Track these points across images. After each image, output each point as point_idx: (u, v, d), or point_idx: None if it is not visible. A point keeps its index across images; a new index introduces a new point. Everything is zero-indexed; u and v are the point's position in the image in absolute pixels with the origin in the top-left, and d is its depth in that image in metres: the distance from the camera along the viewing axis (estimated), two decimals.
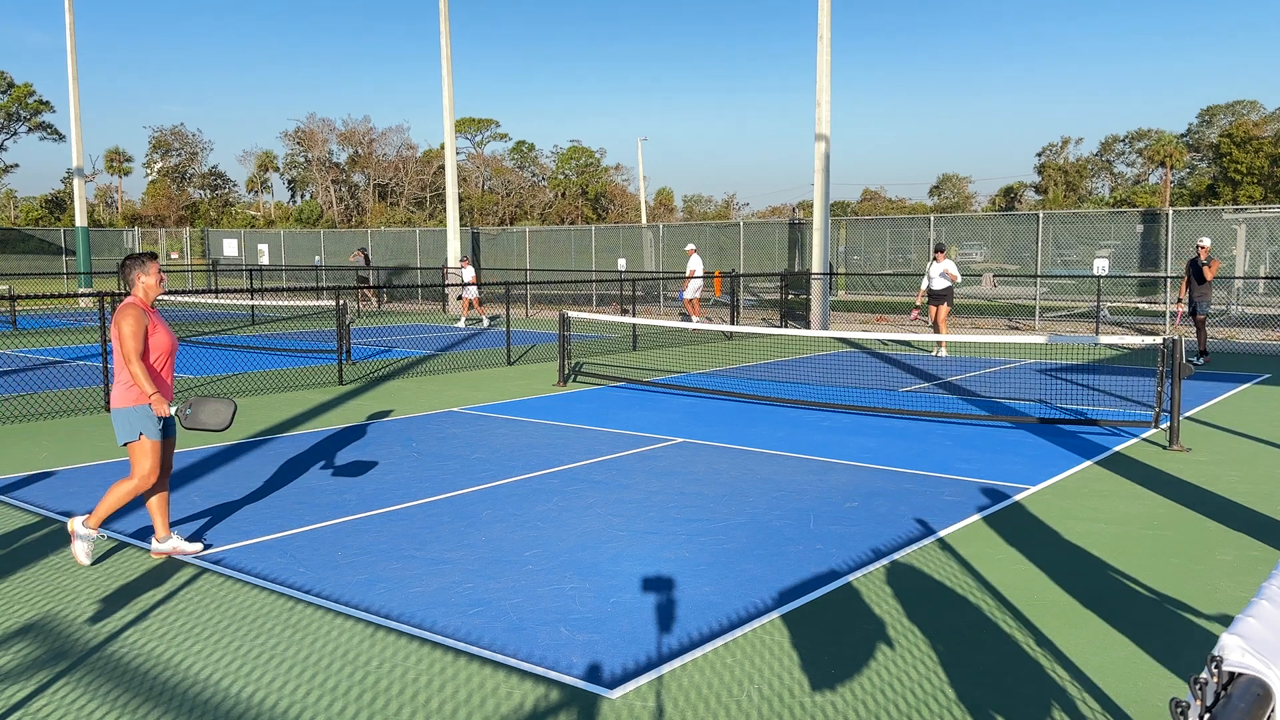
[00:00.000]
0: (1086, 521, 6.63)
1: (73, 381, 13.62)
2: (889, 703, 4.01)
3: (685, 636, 4.67)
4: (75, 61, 29.97)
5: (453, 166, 30.27)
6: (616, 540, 6.19)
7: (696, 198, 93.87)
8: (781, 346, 18.76)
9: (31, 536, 6.35)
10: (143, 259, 6.00)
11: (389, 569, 5.65)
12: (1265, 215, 24.31)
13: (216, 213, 74.87)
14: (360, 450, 9.04)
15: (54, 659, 4.45)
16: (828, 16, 21.80)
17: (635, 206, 70.03)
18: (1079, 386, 13.17)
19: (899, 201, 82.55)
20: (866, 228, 32.73)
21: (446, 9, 28.75)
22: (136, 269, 5.96)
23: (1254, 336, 20.49)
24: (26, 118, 69.91)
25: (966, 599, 5.19)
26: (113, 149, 78.83)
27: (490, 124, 78.49)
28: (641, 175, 61.99)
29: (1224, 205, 48.24)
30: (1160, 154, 71.08)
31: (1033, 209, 62.28)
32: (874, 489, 7.54)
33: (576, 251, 33.01)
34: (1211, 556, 5.91)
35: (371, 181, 73.06)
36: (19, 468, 8.35)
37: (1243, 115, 66.45)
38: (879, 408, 11.25)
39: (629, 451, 8.96)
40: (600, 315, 16.87)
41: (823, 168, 22.25)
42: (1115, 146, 77.30)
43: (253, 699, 4.04)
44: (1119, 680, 4.21)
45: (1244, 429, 10.07)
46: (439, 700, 4.03)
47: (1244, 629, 1.36)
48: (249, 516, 6.78)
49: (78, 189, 31.62)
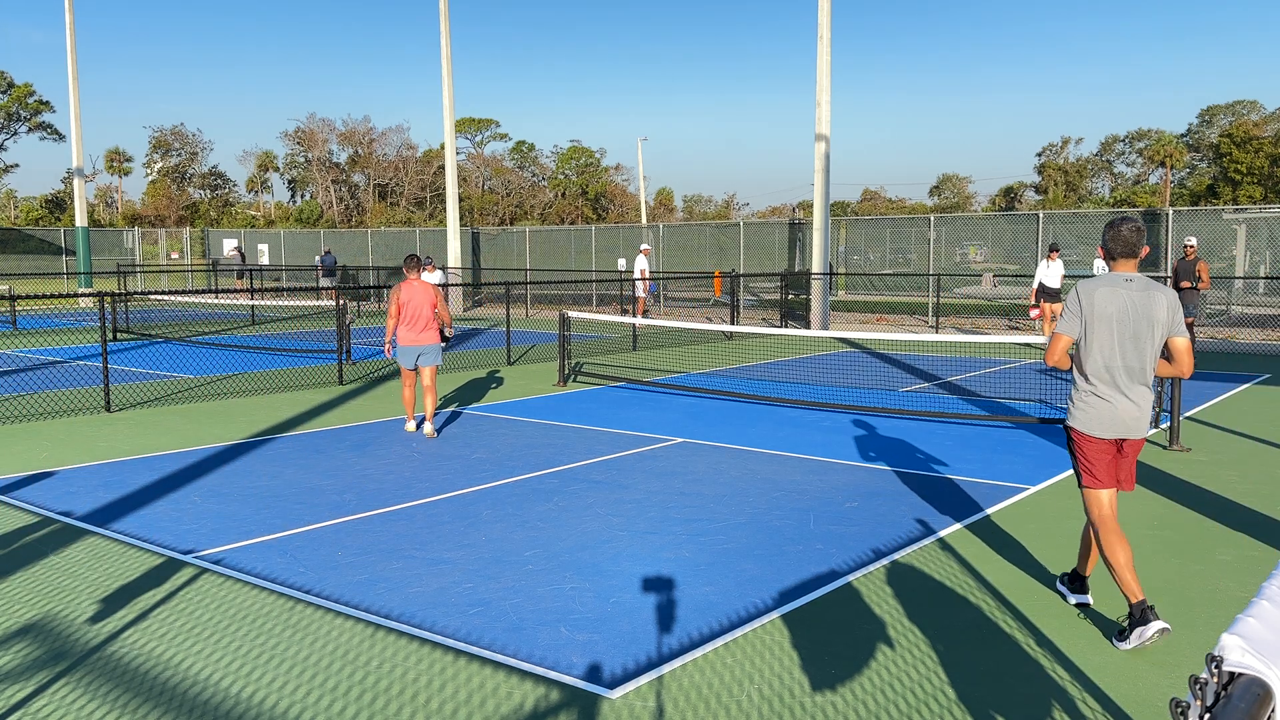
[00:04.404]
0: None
1: (73, 381, 13.62)
2: (889, 703, 4.01)
3: (685, 636, 4.67)
4: (75, 61, 29.97)
5: (453, 166, 30.27)
6: (616, 540, 6.19)
7: (696, 198, 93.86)
8: (781, 346, 18.76)
9: (31, 536, 6.35)
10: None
11: (389, 569, 5.65)
12: (1265, 215, 24.31)
13: (216, 213, 74.87)
14: (360, 450, 9.04)
15: (54, 659, 4.45)
16: (828, 16, 21.80)
17: (635, 206, 70.03)
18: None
19: (899, 201, 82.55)
20: (866, 228, 32.73)
21: (446, 9, 28.75)
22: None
23: (1254, 336, 20.49)
24: (26, 118, 69.89)
25: (966, 599, 5.19)
26: (113, 149, 78.86)
27: (490, 124, 78.47)
28: (641, 175, 62.01)
29: (1224, 205, 48.23)
30: (1160, 154, 71.06)
31: (1033, 209, 62.30)
32: (874, 489, 7.54)
33: (576, 251, 33.01)
34: (1211, 556, 5.91)
35: (371, 181, 73.06)
36: (19, 468, 8.35)
37: (1243, 115, 66.42)
38: (879, 408, 11.25)
39: (629, 451, 8.96)
40: (600, 315, 16.87)
41: (823, 168, 22.25)
42: (1115, 146, 77.28)
43: (253, 699, 4.04)
44: (1119, 680, 4.21)
45: (1244, 429, 10.07)
46: (439, 700, 4.03)
47: (1244, 629, 1.36)
48: (249, 516, 6.78)
49: (78, 189, 31.62)
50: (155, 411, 11.28)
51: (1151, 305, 4.69)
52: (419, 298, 9.84)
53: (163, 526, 6.53)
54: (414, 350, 9.90)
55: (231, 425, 10.36)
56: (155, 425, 10.38)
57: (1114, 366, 4.72)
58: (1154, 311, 4.69)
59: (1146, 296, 4.71)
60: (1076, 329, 4.80)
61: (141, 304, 29.58)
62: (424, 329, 9.87)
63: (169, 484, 7.73)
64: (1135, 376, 4.72)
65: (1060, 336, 4.85)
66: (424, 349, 9.91)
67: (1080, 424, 4.84)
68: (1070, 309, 4.82)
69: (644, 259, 25.15)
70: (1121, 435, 4.77)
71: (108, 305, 18.66)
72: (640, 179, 62.24)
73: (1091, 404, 4.80)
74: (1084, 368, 4.82)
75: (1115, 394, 4.74)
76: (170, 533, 6.38)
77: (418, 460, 8.60)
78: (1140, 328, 4.69)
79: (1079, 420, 4.85)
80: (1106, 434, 4.77)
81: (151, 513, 6.88)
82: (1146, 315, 4.69)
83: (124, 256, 41.85)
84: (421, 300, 9.83)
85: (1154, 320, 4.69)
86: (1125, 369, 4.72)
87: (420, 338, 9.88)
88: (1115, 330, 4.70)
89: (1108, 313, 4.71)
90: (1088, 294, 4.76)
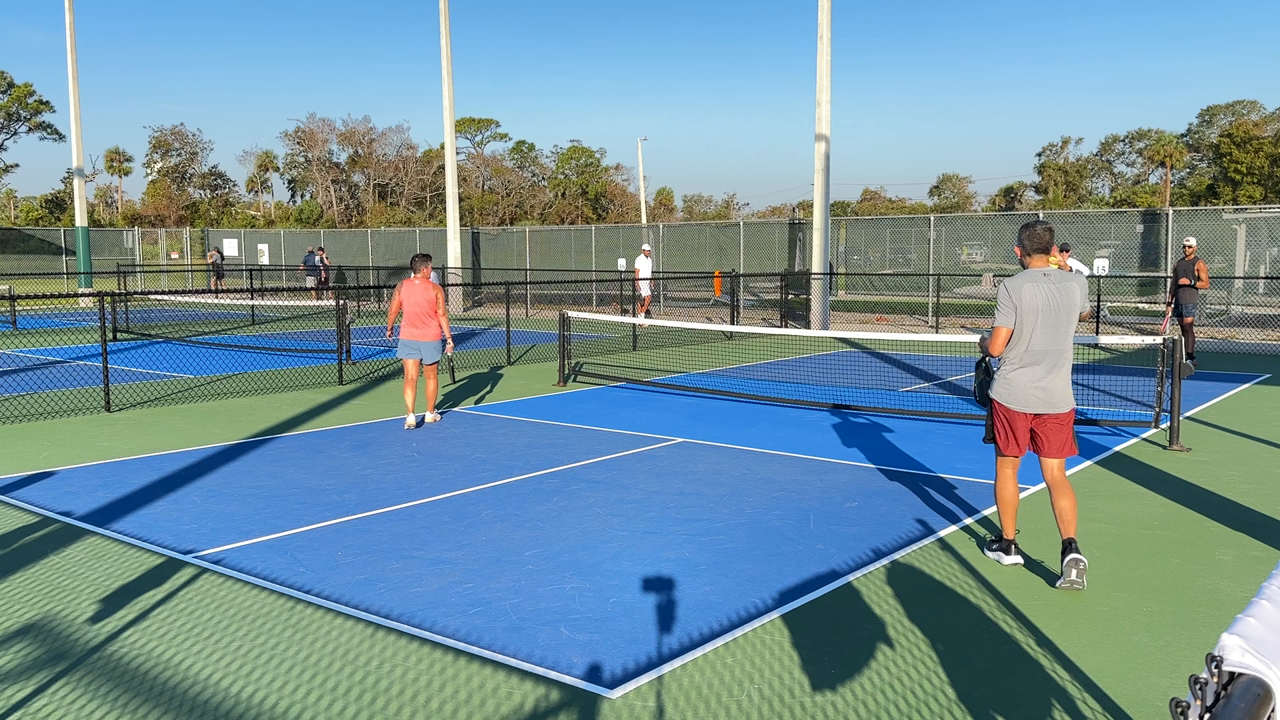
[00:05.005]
0: (1086, 521, 6.63)
1: (73, 381, 13.62)
2: (889, 703, 4.01)
3: (685, 636, 4.67)
4: (75, 61, 29.97)
5: (453, 166, 30.26)
6: (616, 540, 6.19)
7: (696, 198, 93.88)
8: (781, 346, 18.76)
9: (31, 536, 6.35)
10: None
11: (389, 569, 5.65)
12: (1265, 215, 24.31)
13: (216, 213, 74.86)
14: (360, 450, 9.04)
15: (54, 659, 4.45)
16: (828, 16, 21.80)
17: (635, 206, 70.02)
18: (1079, 386, 13.17)
19: (899, 201, 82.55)
20: (866, 228, 32.73)
21: (446, 9, 28.75)
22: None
23: (1254, 336, 20.49)
24: (26, 118, 69.90)
25: (966, 599, 5.19)
26: (113, 149, 78.91)
27: (490, 124, 78.47)
28: (641, 175, 61.99)
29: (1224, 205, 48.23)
30: (1160, 154, 71.06)
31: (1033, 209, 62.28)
32: (874, 489, 7.54)
33: (576, 251, 33.01)
34: (1211, 556, 5.91)
35: (371, 181, 73.05)
36: (19, 468, 8.35)
37: (1243, 115, 66.41)
38: (879, 408, 11.25)
39: (629, 451, 8.96)
40: (600, 315, 16.86)
41: (823, 168, 22.25)
42: (1115, 146, 77.28)
43: (253, 699, 4.04)
44: (1119, 680, 4.21)
45: (1244, 429, 10.07)
46: (439, 700, 4.03)
47: (1244, 629, 1.36)
48: (249, 516, 6.78)
49: (78, 189, 31.62)
50: (155, 411, 11.29)
51: (1068, 294, 5.40)
52: (418, 296, 10.24)
53: (163, 526, 6.53)
54: (414, 345, 10.29)
55: (231, 425, 10.36)
56: (155, 425, 10.38)
57: (1037, 350, 5.40)
58: (1071, 298, 5.40)
59: (1063, 288, 5.40)
60: (1013, 320, 5.44)
61: (141, 304, 29.58)
62: (423, 326, 10.26)
63: (169, 484, 7.73)
64: (1056, 358, 5.42)
65: (1000, 329, 5.50)
66: (423, 346, 10.30)
67: (1004, 398, 5.54)
68: (1004, 303, 5.48)
69: (646, 261, 25.24)
70: (1040, 410, 5.45)
71: (108, 305, 18.66)
72: (640, 179, 62.25)
73: (1016, 382, 5.48)
74: (1012, 351, 5.48)
75: (1039, 374, 5.42)
76: (170, 533, 6.38)
77: (418, 460, 8.60)
78: (1060, 315, 5.38)
79: (1003, 395, 5.54)
80: (1027, 408, 5.47)
81: (151, 513, 6.88)
82: (1065, 303, 5.39)
83: (124, 256, 41.87)
84: (421, 298, 10.23)
85: (1071, 305, 5.40)
86: (1046, 352, 5.40)
87: (420, 334, 10.27)
88: (1040, 319, 5.38)
89: (1034, 304, 5.38)
90: (1016, 289, 5.42)
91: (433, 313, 10.27)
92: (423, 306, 10.22)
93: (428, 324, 10.25)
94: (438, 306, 10.27)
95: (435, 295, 10.27)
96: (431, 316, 10.27)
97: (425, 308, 10.23)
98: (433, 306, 10.25)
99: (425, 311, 10.23)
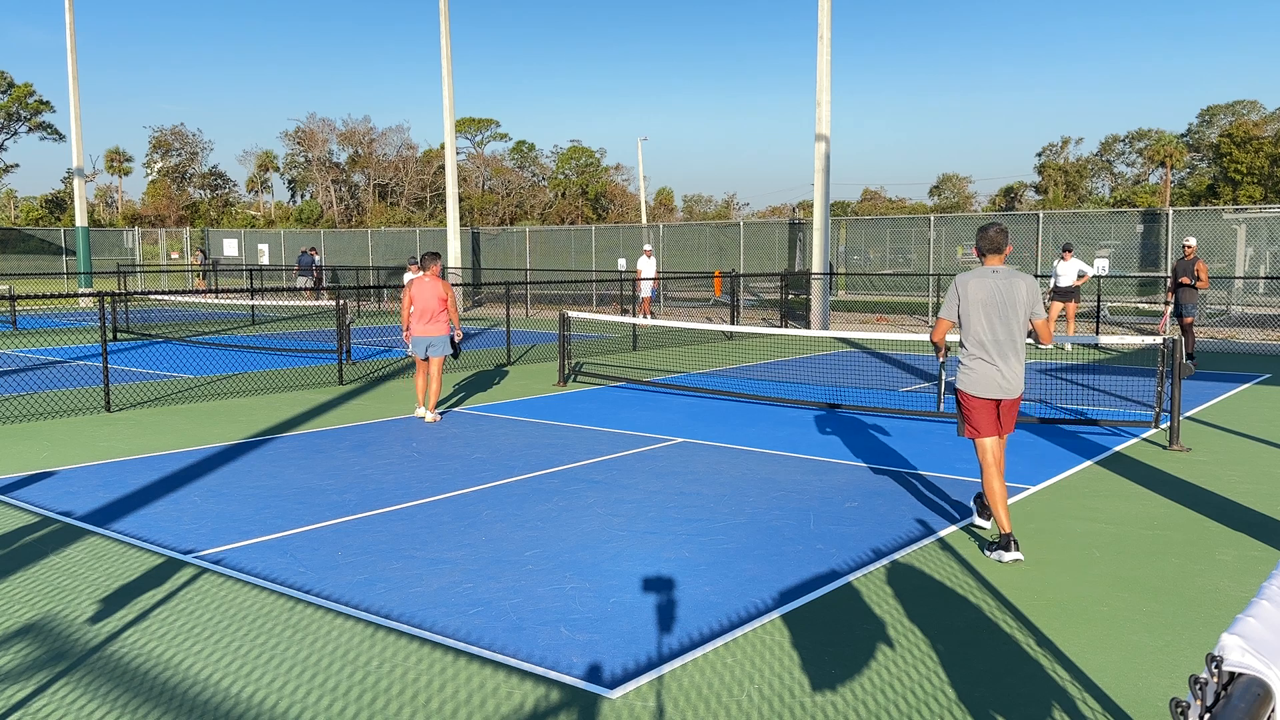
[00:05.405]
0: (1086, 521, 6.63)
1: (73, 381, 13.62)
2: (889, 703, 4.01)
3: (685, 636, 4.67)
4: (75, 61, 29.97)
5: (453, 166, 30.26)
6: (616, 540, 6.19)
7: (696, 198, 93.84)
8: (781, 346, 18.76)
9: (31, 536, 6.35)
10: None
11: (389, 569, 5.65)
12: (1265, 215, 24.31)
13: (216, 213, 74.85)
14: (360, 450, 9.04)
15: (54, 659, 4.45)
16: (828, 16, 21.80)
17: (635, 206, 70.02)
18: (1079, 386, 13.17)
19: (899, 201, 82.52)
20: (866, 228, 32.73)
21: (446, 9, 28.75)
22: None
23: (1254, 336, 20.49)
24: (26, 118, 69.90)
25: (966, 599, 5.19)
26: (113, 149, 78.90)
27: (490, 124, 78.46)
28: (641, 175, 61.97)
29: (1224, 205, 48.22)
30: (1160, 154, 71.03)
31: (1033, 209, 62.27)
32: (874, 489, 7.54)
33: (576, 251, 33.00)
34: (1211, 556, 5.91)
35: (371, 181, 73.05)
36: (19, 468, 8.35)
37: (1243, 115, 66.39)
38: (879, 408, 11.25)
39: (629, 451, 8.96)
40: (600, 315, 16.86)
41: (823, 168, 22.25)
42: (1115, 146, 77.24)
43: (253, 699, 4.04)
44: (1119, 680, 4.21)
45: (1244, 429, 10.07)
46: (439, 700, 4.03)
47: (1244, 629, 1.36)
48: (249, 516, 6.78)
49: (78, 189, 31.62)
50: (155, 411, 11.29)
51: (1013, 290, 5.82)
52: (427, 293, 10.70)
53: (163, 526, 6.53)
54: (424, 340, 10.75)
55: (231, 425, 10.36)
56: (155, 425, 10.38)
57: (986, 340, 5.84)
58: (1015, 295, 5.82)
59: (1009, 284, 5.84)
60: (953, 313, 5.97)
61: (141, 304, 29.58)
62: (431, 321, 10.74)
63: (169, 484, 7.73)
64: (1006, 348, 5.84)
65: (941, 320, 6.05)
66: (432, 340, 10.76)
67: (966, 386, 5.97)
68: (949, 297, 5.98)
69: (649, 261, 25.23)
70: (999, 396, 5.88)
71: (108, 305, 18.66)
72: (640, 179, 62.23)
73: (974, 369, 5.91)
74: (965, 342, 5.95)
75: (991, 362, 5.85)
76: (170, 533, 6.38)
77: (418, 460, 8.60)
78: (1005, 309, 5.81)
79: (965, 383, 5.98)
80: (987, 394, 5.89)
81: (151, 513, 6.88)
82: (1009, 298, 5.81)
83: (124, 256, 41.87)
84: (430, 295, 10.71)
85: (1016, 301, 5.82)
86: (995, 342, 5.83)
87: (429, 329, 10.75)
88: (984, 312, 5.84)
89: (979, 299, 5.84)
90: (963, 285, 5.90)
91: (442, 309, 10.74)
92: (433, 303, 10.72)
93: (437, 319, 10.72)
94: (447, 303, 10.76)
95: (445, 292, 10.76)
96: (441, 312, 10.75)
97: (435, 304, 10.70)
98: (442, 303, 10.74)
99: (435, 308, 10.70)
